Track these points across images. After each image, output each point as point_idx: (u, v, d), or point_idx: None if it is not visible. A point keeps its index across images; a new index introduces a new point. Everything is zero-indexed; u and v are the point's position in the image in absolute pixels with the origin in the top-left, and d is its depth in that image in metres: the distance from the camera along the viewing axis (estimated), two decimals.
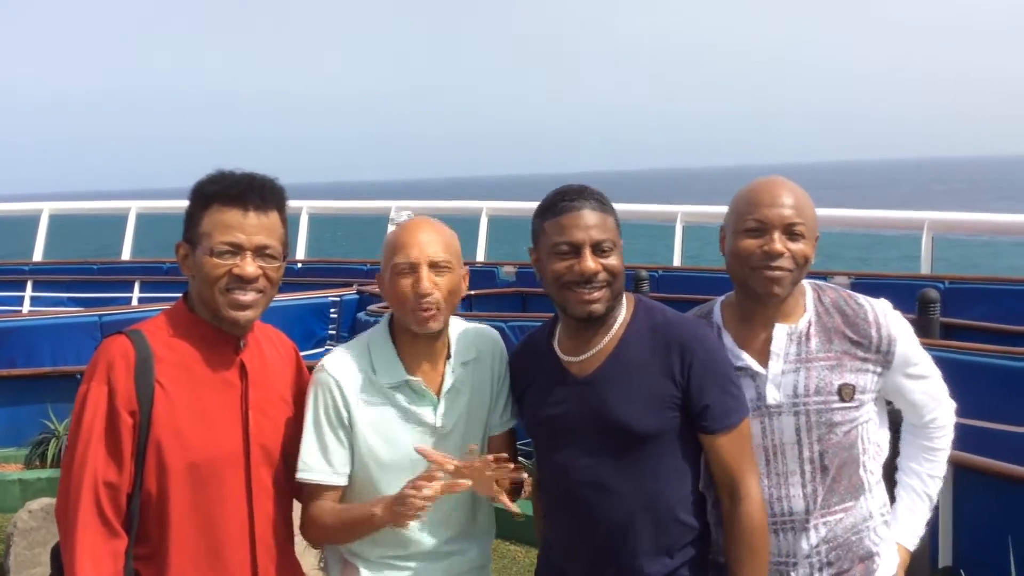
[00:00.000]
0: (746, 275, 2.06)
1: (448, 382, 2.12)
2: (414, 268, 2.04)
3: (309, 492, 2.08)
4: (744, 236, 2.05)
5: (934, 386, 2.16)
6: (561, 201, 2.01)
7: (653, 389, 1.97)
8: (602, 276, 1.97)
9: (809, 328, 2.07)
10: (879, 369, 2.06)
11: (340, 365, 2.08)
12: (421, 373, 2.10)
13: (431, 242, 2.06)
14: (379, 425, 2.06)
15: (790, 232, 2.02)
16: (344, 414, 2.05)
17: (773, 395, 2.04)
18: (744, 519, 1.96)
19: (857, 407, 2.05)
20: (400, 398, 2.08)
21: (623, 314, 2.05)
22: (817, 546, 2.05)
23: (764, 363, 2.06)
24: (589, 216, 1.98)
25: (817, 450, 2.04)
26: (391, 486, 2.05)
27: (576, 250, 1.97)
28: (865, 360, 2.05)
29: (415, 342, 2.10)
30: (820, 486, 2.04)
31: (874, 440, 2.12)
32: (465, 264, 2.18)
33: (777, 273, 2.02)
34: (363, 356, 2.11)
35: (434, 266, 2.05)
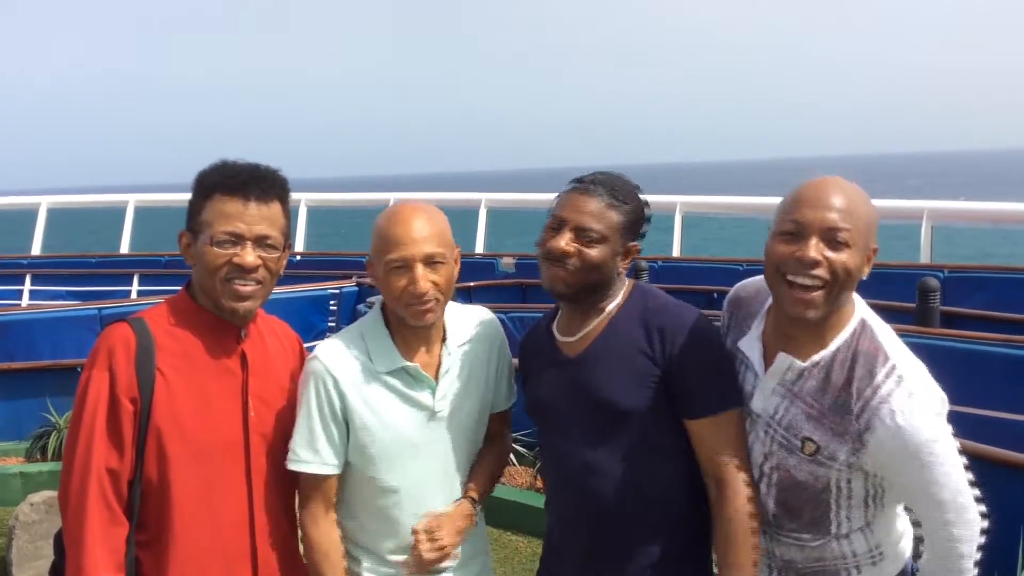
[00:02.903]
0: (776, 285, 1.85)
1: (445, 365, 2.12)
2: (408, 266, 2.00)
3: (303, 481, 2.09)
4: (779, 239, 1.84)
5: (944, 518, 1.82)
6: (580, 180, 2.03)
7: (635, 367, 1.97)
8: (573, 261, 1.97)
9: (813, 369, 1.87)
10: (855, 448, 1.83)
11: (334, 355, 2.07)
12: (417, 358, 2.10)
13: (425, 238, 2.01)
14: (377, 410, 2.06)
15: (831, 239, 1.78)
16: (338, 404, 2.05)
17: (757, 401, 1.97)
18: (724, 509, 1.93)
19: (820, 465, 1.88)
20: (397, 383, 2.08)
21: (619, 298, 2.06)
22: (781, 560, 2.01)
23: (769, 365, 1.96)
24: (589, 202, 1.97)
25: (776, 476, 1.95)
26: (390, 471, 2.07)
27: (561, 226, 1.99)
28: (844, 431, 1.83)
29: (410, 329, 2.10)
30: (774, 504, 1.97)
31: (860, 500, 1.92)
32: (464, 256, 2.17)
33: (808, 291, 1.79)
34: (358, 344, 2.10)
35: (429, 262, 2.01)
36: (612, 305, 2.05)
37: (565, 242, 1.96)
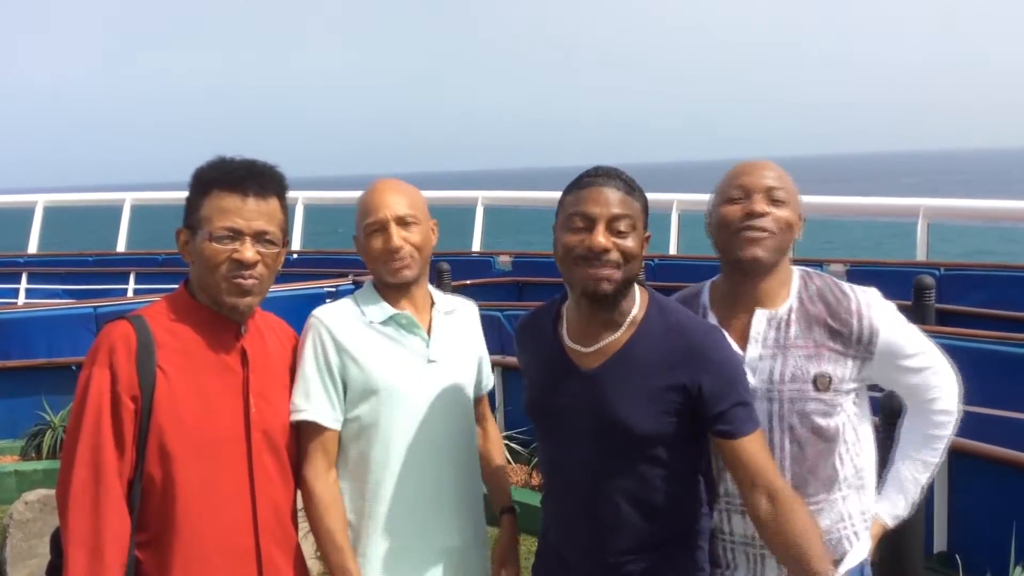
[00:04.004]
0: (729, 240, 2.06)
1: (436, 320, 2.24)
2: (383, 227, 2.16)
3: (303, 435, 2.13)
4: (727, 204, 2.07)
5: (934, 377, 2.11)
6: (588, 177, 1.96)
7: (658, 393, 1.92)
8: (613, 255, 1.90)
9: (790, 315, 2.06)
10: (859, 361, 2.04)
11: (329, 311, 2.20)
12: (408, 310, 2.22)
13: (397, 201, 2.18)
14: (373, 356, 2.15)
15: (771, 198, 2.04)
16: (334, 357, 2.13)
17: (749, 379, 2.02)
18: (796, 520, 1.84)
19: (834, 398, 2.03)
20: (390, 331, 2.19)
21: (636, 309, 1.99)
22: None
23: (744, 347, 2.06)
24: (611, 193, 1.92)
25: (789, 438, 2.02)
26: (390, 419, 2.14)
27: (590, 224, 1.91)
28: (844, 352, 2.03)
29: (399, 293, 2.22)
30: (790, 474, 2.02)
31: (853, 439, 2.08)
32: (461, 254, 2.21)
33: (758, 233, 2.02)
34: (351, 304, 2.23)
35: (401, 222, 2.17)
36: (630, 316, 1.98)
37: (604, 237, 1.90)
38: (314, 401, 2.11)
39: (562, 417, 2.01)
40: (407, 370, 2.16)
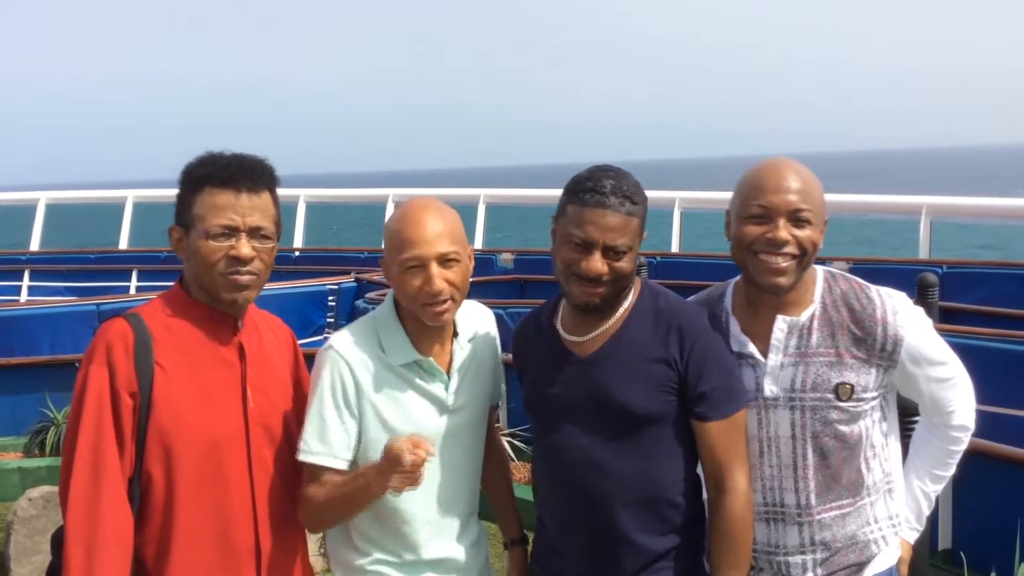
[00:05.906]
0: (749, 262, 2.00)
1: (458, 359, 2.13)
2: (423, 265, 2.00)
3: (309, 474, 2.05)
4: (748, 222, 1.98)
5: (953, 390, 2.05)
6: (592, 191, 1.94)
7: (652, 372, 1.97)
8: (607, 278, 1.95)
9: (812, 321, 2.01)
10: (883, 368, 2.00)
11: (349, 345, 2.06)
12: (430, 352, 2.10)
13: (438, 237, 2.01)
14: (391, 401, 2.05)
15: (795, 219, 1.95)
16: (352, 394, 2.03)
17: (770, 387, 2.01)
18: (727, 511, 1.95)
19: (856, 406, 1.99)
20: (411, 376, 2.08)
21: (629, 298, 2.04)
22: (812, 543, 2.02)
23: (766, 353, 2.03)
24: (612, 217, 1.93)
25: (812, 446, 2.00)
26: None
27: (588, 247, 1.94)
28: (868, 359, 1.99)
29: (422, 324, 2.09)
30: (814, 482, 2.00)
31: (880, 443, 2.06)
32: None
33: (780, 261, 1.95)
34: (371, 336, 2.10)
35: (443, 260, 2.01)
36: (625, 304, 2.03)
37: (600, 264, 1.93)
38: (331, 445, 2.01)
39: (562, 406, 2.04)
40: (423, 419, 2.07)
